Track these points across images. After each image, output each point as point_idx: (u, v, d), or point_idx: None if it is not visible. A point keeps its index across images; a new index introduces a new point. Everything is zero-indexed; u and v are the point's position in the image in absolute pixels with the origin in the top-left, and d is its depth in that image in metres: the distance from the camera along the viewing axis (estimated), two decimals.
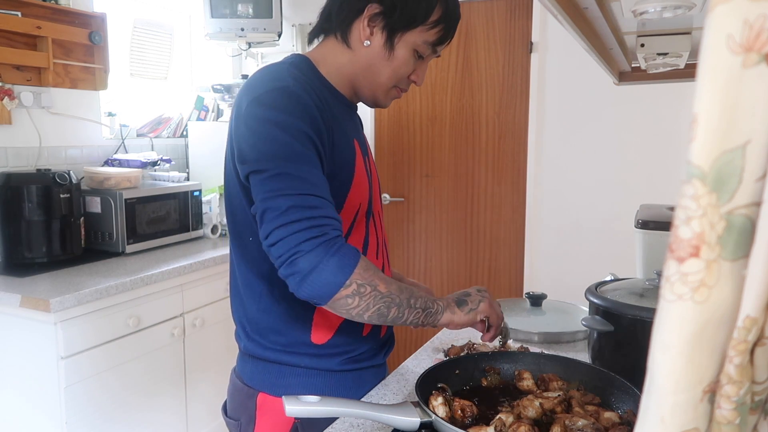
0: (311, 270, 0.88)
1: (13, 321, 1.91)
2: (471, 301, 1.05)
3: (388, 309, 0.94)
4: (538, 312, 1.50)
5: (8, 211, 2.16)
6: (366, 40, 1.04)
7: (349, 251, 0.91)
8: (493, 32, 3.12)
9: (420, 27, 1.02)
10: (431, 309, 0.99)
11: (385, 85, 1.08)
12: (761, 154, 0.30)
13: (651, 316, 0.42)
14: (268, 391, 1.08)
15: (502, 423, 0.84)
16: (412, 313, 0.97)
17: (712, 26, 0.29)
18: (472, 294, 1.07)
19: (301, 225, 0.88)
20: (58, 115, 2.51)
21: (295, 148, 0.91)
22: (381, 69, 1.05)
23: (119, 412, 2.07)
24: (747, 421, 0.35)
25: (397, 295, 0.95)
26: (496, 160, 3.19)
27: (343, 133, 1.04)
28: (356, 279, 0.90)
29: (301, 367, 1.08)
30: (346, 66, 1.07)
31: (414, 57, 1.05)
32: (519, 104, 3.10)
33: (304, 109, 0.94)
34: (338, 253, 0.89)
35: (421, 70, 1.09)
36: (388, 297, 0.94)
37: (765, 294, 0.32)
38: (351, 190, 1.05)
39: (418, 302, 0.97)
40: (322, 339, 1.08)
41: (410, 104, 3.33)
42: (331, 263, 0.88)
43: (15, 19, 2.24)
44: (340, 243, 0.91)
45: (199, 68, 3.48)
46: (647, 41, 1.14)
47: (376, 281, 0.93)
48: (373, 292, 0.92)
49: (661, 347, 0.33)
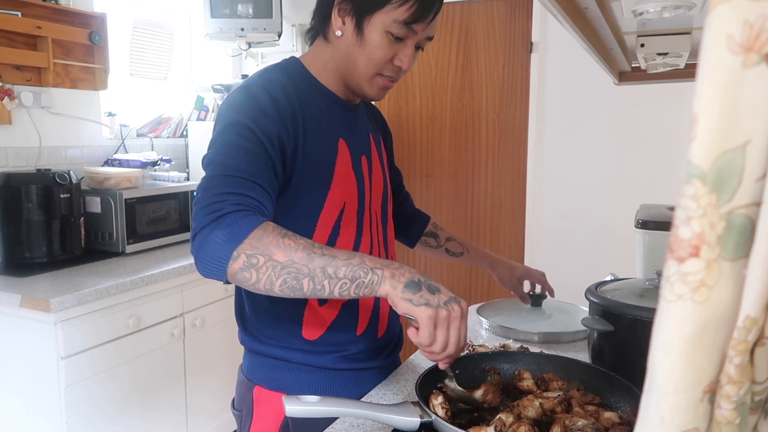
0: (200, 246, 0.84)
1: (13, 321, 1.91)
2: (431, 296, 0.82)
3: (297, 281, 0.82)
4: (538, 312, 1.50)
5: (8, 211, 2.16)
6: (338, 30, 1.02)
7: (244, 224, 0.83)
8: (493, 32, 3.12)
9: (387, 6, 0.97)
10: (363, 279, 0.82)
11: (366, 74, 1.03)
12: (761, 154, 0.30)
13: (651, 316, 0.42)
14: (264, 385, 1.10)
15: (502, 423, 0.84)
16: (334, 284, 0.82)
17: (712, 26, 0.29)
18: (442, 291, 0.83)
19: (201, 205, 0.86)
20: (58, 115, 2.51)
21: (231, 139, 0.92)
22: (357, 57, 1.02)
23: (119, 412, 2.07)
24: (747, 421, 0.35)
25: (305, 264, 0.81)
26: (496, 160, 3.19)
27: (323, 132, 1.03)
28: (245, 249, 0.82)
29: (294, 362, 1.09)
30: (330, 62, 1.06)
31: (388, 39, 0.99)
32: (519, 104, 3.10)
33: (257, 108, 0.95)
34: (228, 227, 0.83)
35: (405, 54, 1.02)
36: (290, 267, 0.81)
37: (765, 294, 0.32)
38: (331, 189, 1.04)
39: (341, 271, 0.81)
40: (313, 335, 1.08)
41: (410, 104, 3.33)
42: (216, 237, 0.83)
43: (15, 19, 2.24)
44: (237, 216, 0.84)
45: (199, 68, 3.48)
46: (647, 41, 1.14)
47: (271, 250, 0.82)
48: (269, 262, 0.81)
49: (661, 347, 0.33)
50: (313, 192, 1.02)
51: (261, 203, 0.89)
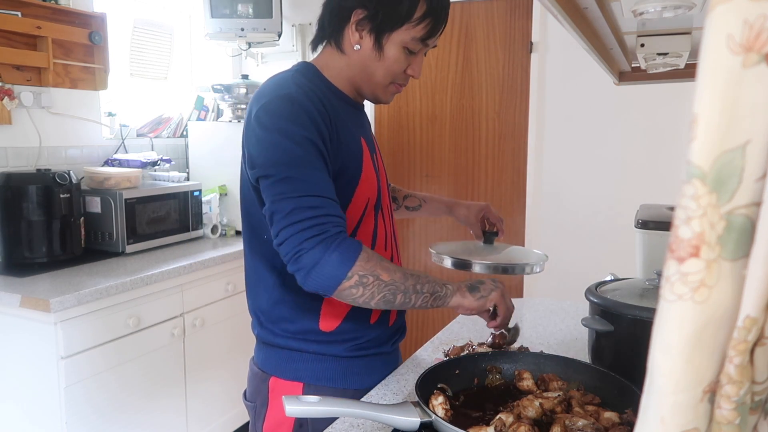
0: (314, 265, 0.95)
1: (13, 321, 1.91)
2: (483, 289, 1.08)
3: (393, 296, 1.00)
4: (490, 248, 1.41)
5: (8, 211, 2.16)
6: (356, 44, 1.09)
7: (351, 245, 0.97)
8: (493, 32, 3.12)
9: (406, 25, 1.06)
10: (439, 293, 1.04)
11: (382, 84, 1.12)
12: (761, 154, 0.30)
13: (651, 316, 0.42)
14: (279, 375, 1.14)
15: (502, 423, 0.84)
16: (419, 298, 1.02)
17: (712, 26, 0.29)
18: (486, 282, 1.10)
19: (303, 225, 0.96)
20: (58, 115, 2.51)
21: (297, 153, 0.99)
22: (375, 69, 1.10)
23: (119, 412, 2.07)
24: (747, 421, 0.35)
25: (402, 282, 1.00)
26: (496, 160, 3.19)
27: (349, 132, 1.10)
28: (358, 271, 0.96)
29: (309, 352, 1.13)
30: (344, 70, 1.13)
31: (405, 53, 1.09)
32: (519, 104, 3.10)
33: (305, 114, 1.01)
34: (339, 248, 0.96)
35: (417, 64, 1.12)
36: (392, 285, 0.99)
37: (765, 294, 0.32)
38: (359, 185, 1.11)
39: (425, 287, 1.02)
40: (330, 327, 1.14)
41: (410, 104, 3.33)
42: (332, 258, 0.95)
43: (15, 19, 2.24)
44: (341, 238, 0.97)
45: (199, 68, 3.48)
46: (647, 41, 1.14)
47: (378, 271, 0.98)
48: (376, 281, 0.98)
49: (661, 347, 0.33)
50: (344, 187, 1.08)
51: (344, 218, 1.01)
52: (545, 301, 1.75)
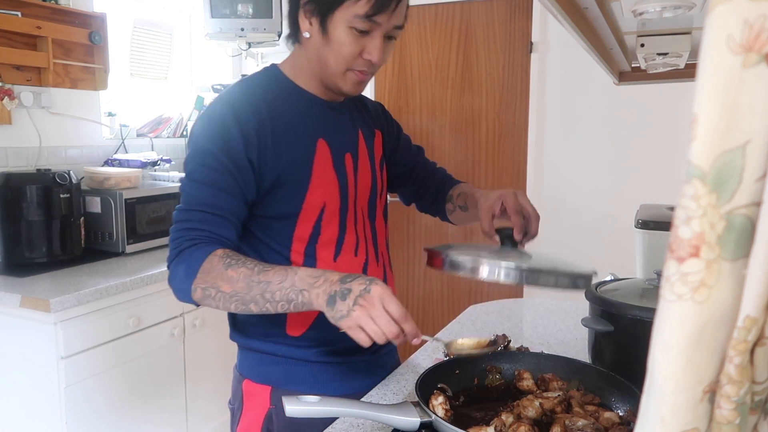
0: (170, 280, 0.98)
1: (13, 321, 1.91)
2: (342, 305, 0.84)
3: (245, 305, 0.93)
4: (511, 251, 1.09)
5: (8, 211, 2.16)
6: (306, 31, 1.03)
7: (194, 258, 0.95)
8: (493, 32, 3.12)
9: (346, 2, 0.98)
10: (296, 301, 0.89)
11: (337, 71, 1.04)
12: (761, 154, 0.30)
13: (651, 316, 0.42)
14: (252, 378, 1.13)
15: (502, 423, 0.84)
16: (276, 305, 0.91)
17: (712, 26, 0.29)
18: (354, 289, 0.85)
19: (171, 238, 0.99)
20: (58, 115, 2.51)
21: (197, 170, 1.01)
22: (326, 56, 1.03)
23: (119, 413, 2.07)
24: (747, 421, 0.35)
25: (246, 293, 0.91)
26: (496, 160, 3.19)
27: (296, 137, 1.06)
28: (199, 284, 0.94)
29: (279, 356, 1.11)
30: (305, 64, 1.08)
31: (353, 34, 0.99)
32: (519, 104, 3.10)
33: (221, 132, 1.00)
34: (185, 262, 0.95)
35: (373, 46, 1.00)
36: (235, 296, 0.92)
37: (765, 294, 0.32)
38: (309, 191, 1.06)
39: (276, 295, 0.90)
40: (298, 332, 1.11)
41: (410, 104, 3.33)
42: (179, 272, 0.96)
43: (15, 19, 2.24)
44: (190, 251, 0.96)
45: (199, 68, 3.48)
46: (647, 41, 1.14)
47: (219, 282, 0.93)
48: (219, 293, 0.93)
49: (661, 347, 0.33)
50: (291, 194, 1.05)
51: (218, 234, 0.98)
52: (545, 301, 1.75)
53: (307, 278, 0.89)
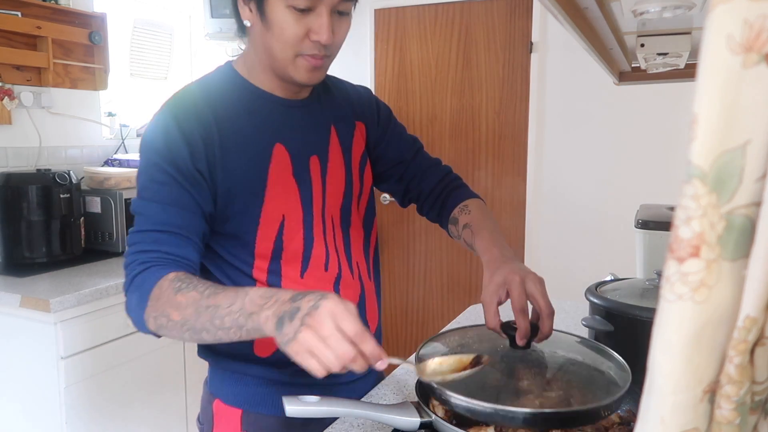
0: (126, 311, 0.92)
1: (13, 321, 1.91)
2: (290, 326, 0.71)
3: (197, 334, 0.82)
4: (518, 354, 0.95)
5: (8, 211, 2.16)
6: (246, 20, 0.96)
7: (144, 285, 0.87)
8: (493, 32, 3.12)
9: None
10: (246, 326, 0.77)
11: (285, 59, 0.94)
12: (761, 154, 0.30)
13: (651, 316, 0.42)
14: (222, 399, 1.06)
15: None
16: (228, 333, 0.79)
17: (712, 26, 0.29)
18: (302, 307, 0.72)
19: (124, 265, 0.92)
20: (58, 115, 2.51)
21: (147, 186, 0.93)
22: (270, 43, 0.93)
23: (119, 413, 2.07)
24: (747, 421, 0.35)
25: (195, 320, 0.81)
26: (496, 161, 3.19)
27: (247, 144, 0.96)
28: (151, 312, 0.86)
29: (250, 375, 1.03)
30: (254, 59, 1.00)
31: (293, 14, 0.89)
32: (519, 104, 3.10)
33: (166, 142, 0.92)
34: (137, 291, 0.88)
35: (318, 25, 0.90)
36: (185, 324, 0.82)
37: (765, 294, 0.32)
38: (266, 202, 0.97)
39: (226, 321, 0.78)
40: (265, 353, 1.02)
41: (410, 104, 3.33)
42: (132, 301, 0.89)
43: (15, 19, 2.24)
44: (142, 277, 0.87)
45: (199, 68, 3.48)
46: (647, 41, 1.14)
47: (168, 310, 0.83)
48: (169, 322, 0.84)
49: (661, 347, 0.33)
50: (245, 207, 0.96)
51: (173, 254, 0.89)
52: None
53: (257, 299, 0.76)
